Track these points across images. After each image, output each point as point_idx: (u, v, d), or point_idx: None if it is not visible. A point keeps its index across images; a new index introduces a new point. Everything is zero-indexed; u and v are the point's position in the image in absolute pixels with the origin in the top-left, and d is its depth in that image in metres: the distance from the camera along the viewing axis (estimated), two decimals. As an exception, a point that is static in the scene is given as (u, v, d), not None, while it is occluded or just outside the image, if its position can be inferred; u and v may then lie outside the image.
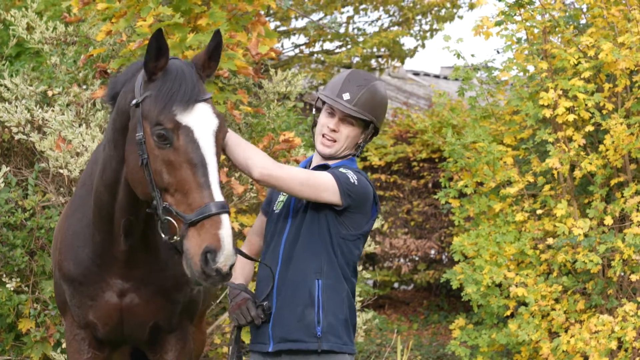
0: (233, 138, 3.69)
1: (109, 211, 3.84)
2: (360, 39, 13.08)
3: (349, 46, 13.06)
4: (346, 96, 3.82)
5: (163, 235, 3.44)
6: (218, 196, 3.35)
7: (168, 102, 3.41)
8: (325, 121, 3.86)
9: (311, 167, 3.95)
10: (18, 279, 6.46)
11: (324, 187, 3.71)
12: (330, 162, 3.89)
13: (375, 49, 12.88)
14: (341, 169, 3.80)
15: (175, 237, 3.38)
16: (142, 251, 3.95)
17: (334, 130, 3.84)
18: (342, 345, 3.79)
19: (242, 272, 4.02)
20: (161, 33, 3.43)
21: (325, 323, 3.75)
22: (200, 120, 3.44)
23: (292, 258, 3.79)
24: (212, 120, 3.47)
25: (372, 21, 13.36)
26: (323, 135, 3.86)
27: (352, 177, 3.77)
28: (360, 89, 3.83)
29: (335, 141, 3.85)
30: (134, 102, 3.51)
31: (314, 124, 3.97)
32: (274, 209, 3.93)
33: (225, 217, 3.33)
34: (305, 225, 3.81)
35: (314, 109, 4.00)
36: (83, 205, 4.02)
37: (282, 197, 3.92)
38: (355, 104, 3.81)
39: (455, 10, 13.06)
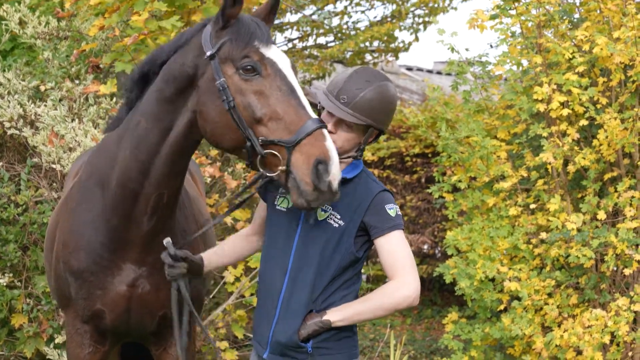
0: (355, 315, 3.70)
1: (134, 190, 3.86)
2: (353, 33, 13.06)
3: (341, 41, 13.03)
4: (343, 99, 3.69)
5: (265, 172, 3.48)
6: (314, 114, 3.43)
7: (250, 39, 3.52)
8: (325, 121, 3.71)
9: None
10: (11, 274, 6.46)
11: None
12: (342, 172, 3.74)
13: (368, 43, 12.86)
14: (390, 210, 3.73)
15: (279, 169, 3.42)
16: (162, 235, 3.95)
17: (331, 132, 3.68)
18: (336, 355, 3.76)
19: (216, 251, 4.03)
20: None
21: (317, 340, 3.72)
22: (280, 56, 3.56)
23: (300, 276, 3.73)
24: (287, 57, 3.61)
25: (365, 10, 13.32)
26: None
27: (398, 211, 3.78)
28: (360, 92, 3.68)
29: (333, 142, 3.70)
30: (208, 53, 3.57)
31: None
32: (276, 203, 3.85)
33: (324, 131, 3.40)
34: (318, 238, 3.72)
35: (318, 105, 3.88)
36: (91, 196, 4.02)
37: (284, 193, 3.83)
38: (352, 107, 3.68)
39: (448, 3, 13.05)
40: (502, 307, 6.73)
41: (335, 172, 3.32)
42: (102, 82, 6.86)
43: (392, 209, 3.73)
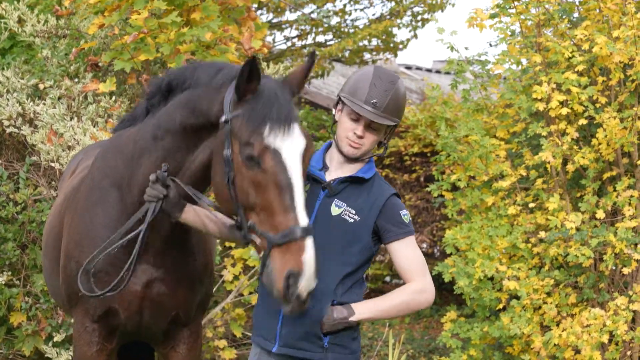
0: (379, 312, 3.83)
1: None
2: (352, 31, 13.05)
3: (340, 39, 13.02)
4: (375, 103, 3.75)
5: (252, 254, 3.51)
6: (303, 220, 3.39)
7: (258, 124, 3.43)
8: (350, 126, 3.80)
9: (336, 176, 3.88)
10: (9, 273, 6.46)
11: None
12: (357, 170, 3.86)
13: (366, 42, 12.84)
14: (404, 216, 3.86)
15: (262, 253, 3.45)
16: (180, 236, 3.96)
17: (360, 137, 3.79)
18: (348, 355, 3.83)
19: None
20: (255, 60, 3.43)
21: (333, 336, 3.78)
22: (289, 142, 3.46)
23: None
24: (300, 141, 3.49)
25: (365, 8, 13.31)
26: (348, 138, 3.82)
27: (409, 217, 3.91)
28: (388, 94, 3.77)
29: (361, 145, 3.80)
30: (223, 118, 3.52)
31: (334, 122, 3.91)
32: None
33: (309, 242, 3.38)
34: (333, 232, 3.80)
35: (333, 109, 3.92)
36: (108, 197, 4.00)
37: None
38: (384, 110, 3.76)
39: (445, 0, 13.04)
40: (500, 306, 6.73)
41: (305, 286, 3.34)
42: (101, 80, 6.86)
43: (406, 215, 3.87)
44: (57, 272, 4.37)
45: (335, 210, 3.81)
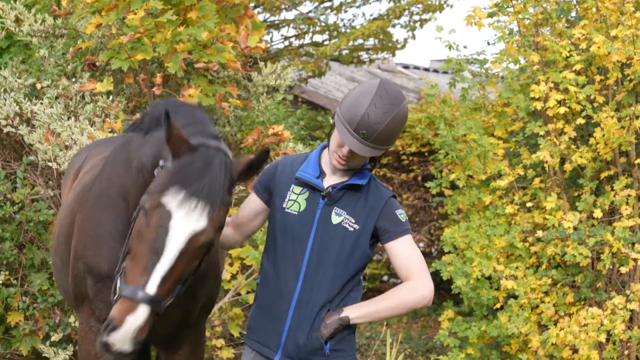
0: (371, 313, 3.83)
1: None
2: (349, 30, 13.03)
3: (336, 40, 13.00)
4: (364, 134, 3.67)
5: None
6: (151, 288, 3.33)
7: (170, 184, 3.37)
8: (339, 142, 3.76)
9: (332, 182, 3.87)
10: (7, 272, 6.45)
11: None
12: (352, 176, 3.86)
13: (363, 41, 12.83)
14: (400, 215, 3.86)
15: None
16: None
17: (347, 156, 3.76)
18: (348, 357, 3.87)
19: None
20: (167, 117, 3.37)
21: (333, 342, 3.81)
22: (187, 215, 3.36)
23: (316, 279, 3.80)
24: (200, 223, 3.37)
25: (360, 5, 13.30)
26: (336, 153, 3.79)
27: (405, 216, 3.92)
28: (380, 126, 3.66)
29: (348, 162, 3.79)
30: (161, 163, 3.51)
31: (332, 127, 3.84)
32: (285, 206, 3.88)
33: (143, 308, 3.32)
34: (334, 241, 3.81)
35: (331, 119, 3.85)
36: (116, 207, 3.96)
37: (293, 196, 3.88)
38: (373, 140, 3.68)
39: (444, 0, 13.03)
40: (498, 305, 6.73)
41: (113, 341, 3.29)
42: (99, 80, 6.85)
43: (402, 215, 3.87)
44: (67, 270, 4.37)
45: (335, 219, 3.81)
